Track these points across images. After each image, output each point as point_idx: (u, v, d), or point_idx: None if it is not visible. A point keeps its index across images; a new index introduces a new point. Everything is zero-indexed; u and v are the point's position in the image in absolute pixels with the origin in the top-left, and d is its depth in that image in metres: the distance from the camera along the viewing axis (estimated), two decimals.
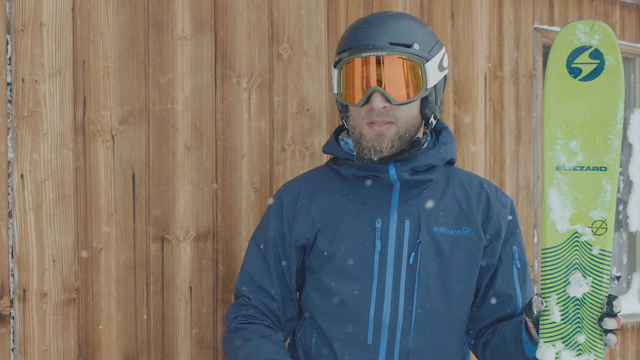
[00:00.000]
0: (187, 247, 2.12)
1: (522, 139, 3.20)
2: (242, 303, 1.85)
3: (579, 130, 1.59)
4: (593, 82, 1.58)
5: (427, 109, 1.76)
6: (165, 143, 2.08)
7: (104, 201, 1.97)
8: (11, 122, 1.83)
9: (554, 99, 1.60)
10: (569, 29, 1.59)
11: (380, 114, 1.71)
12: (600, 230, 1.57)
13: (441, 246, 1.75)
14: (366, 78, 1.71)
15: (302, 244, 1.81)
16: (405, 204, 1.77)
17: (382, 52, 1.69)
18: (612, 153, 1.57)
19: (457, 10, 2.77)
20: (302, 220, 1.80)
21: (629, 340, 3.67)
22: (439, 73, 1.76)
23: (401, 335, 1.73)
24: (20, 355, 1.85)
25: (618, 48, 1.57)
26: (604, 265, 1.57)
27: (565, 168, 1.59)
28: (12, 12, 1.83)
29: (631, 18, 3.68)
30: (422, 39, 1.73)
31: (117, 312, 2.00)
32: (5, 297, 1.83)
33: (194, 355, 2.13)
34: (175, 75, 2.09)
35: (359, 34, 1.73)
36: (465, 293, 1.80)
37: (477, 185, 1.85)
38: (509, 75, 3.14)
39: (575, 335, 1.57)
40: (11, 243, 1.84)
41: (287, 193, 1.87)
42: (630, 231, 3.75)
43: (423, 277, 1.74)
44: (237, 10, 2.21)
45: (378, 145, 1.72)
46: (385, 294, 1.73)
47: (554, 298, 1.58)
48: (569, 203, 1.59)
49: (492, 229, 1.81)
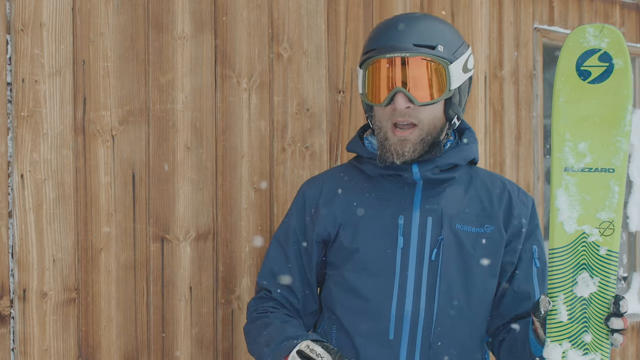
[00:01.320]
0: (187, 247, 2.12)
1: (522, 139, 3.20)
2: (262, 296, 1.88)
3: (587, 132, 1.60)
4: (602, 84, 1.60)
5: (451, 110, 1.78)
6: (165, 143, 2.08)
7: (104, 201, 1.97)
8: (11, 122, 1.83)
9: (563, 101, 1.61)
10: (578, 32, 1.61)
11: (403, 114, 1.73)
12: (608, 231, 1.59)
13: (463, 243, 1.77)
14: (390, 79, 1.73)
15: (323, 238, 1.83)
16: (428, 202, 1.78)
17: (406, 53, 1.71)
18: (620, 155, 1.58)
19: (457, 10, 2.77)
20: (324, 215, 1.82)
21: (629, 340, 3.67)
22: (464, 75, 1.78)
23: (423, 331, 1.74)
24: (20, 355, 1.85)
25: (627, 51, 1.59)
26: (611, 266, 1.58)
27: (574, 169, 1.61)
28: (12, 12, 1.83)
29: (631, 18, 3.68)
30: (446, 41, 1.75)
31: (117, 312, 2.00)
32: (5, 297, 1.83)
33: (194, 355, 2.13)
34: (175, 75, 2.09)
35: (384, 35, 1.76)
36: (486, 290, 1.81)
37: (499, 185, 1.87)
38: (509, 75, 3.14)
39: (582, 335, 1.58)
40: (11, 243, 1.84)
41: (310, 188, 1.89)
42: (630, 231, 3.75)
43: (445, 274, 1.75)
44: (237, 10, 2.21)
45: (401, 149, 1.74)
46: (407, 290, 1.75)
47: (561, 298, 1.59)
48: (577, 204, 1.61)
49: (513, 228, 1.82)
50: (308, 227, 1.85)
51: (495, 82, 3.07)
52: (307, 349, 1.63)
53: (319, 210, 1.84)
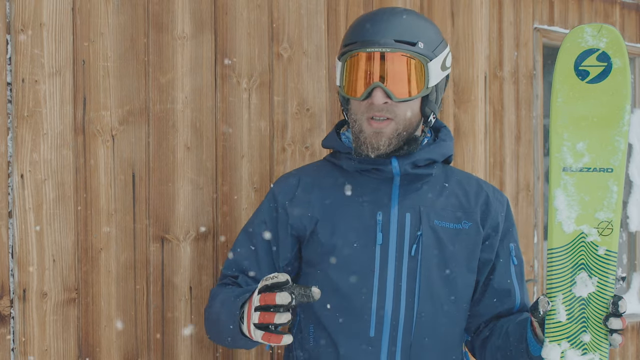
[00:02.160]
0: (187, 247, 2.12)
1: (522, 139, 3.20)
2: (226, 282, 1.85)
3: (586, 132, 1.61)
4: (600, 84, 1.60)
5: (427, 108, 1.78)
6: (165, 143, 2.08)
7: (104, 201, 1.97)
8: (11, 122, 1.83)
9: (561, 101, 1.62)
10: (577, 31, 1.61)
11: (380, 109, 1.73)
12: (606, 231, 1.59)
13: (442, 239, 1.77)
14: (369, 73, 1.72)
15: (298, 233, 1.81)
16: (406, 198, 1.78)
17: (387, 48, 1.71)
18: (619, 155, 1.59)
19: (457, 10, 2.77)
20: (300, 209, 1.81)
21: (629, 340, 3.67)
22: (442, 72, 1.78)
23: (403, 328, 1.74)
24: (20, 355, 1.85)
25: (625, 51, 1.59)
26: (610, 266, 1.58)
27: (572, 169, 1.61)
28: (12, 12, 1.83)
29: (631, 18, 3.68)
30: (427, 38, 1.75)
31: (117, 312, 2.00)
32: (5, 297, 1.83)
33: (194, 355, 2.13)
34: (175, 75, 2.09)
35: (365, 29, 1.75)
36: (466, 286, 1.81)
37: (474, 183, 1.89)
38: (509, 75, 3.14)
39: (581, 335, 1.58)
40: (11, 243, 1.84)
41: (282, 184, 1.87)
42: (630, 231, 3.75)
43: (425, 269, 1.75)
44: (237, 10, 2.21)
45: (376, 142, 1.74)
46: (387, 287, 1.74)
47: (560, 298, 1.60)
48: (575, 204, 1.61)
49: (490, 225, 1.83)
50: (280, 218, 1.82)
51: (495, 82, 3.07)
52: (264, 281, 1.54)
53: (295, 204, 1.82)
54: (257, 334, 1.53)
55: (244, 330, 1.60)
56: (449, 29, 2.75)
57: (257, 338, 1.54)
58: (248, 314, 1.56)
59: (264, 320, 1.50)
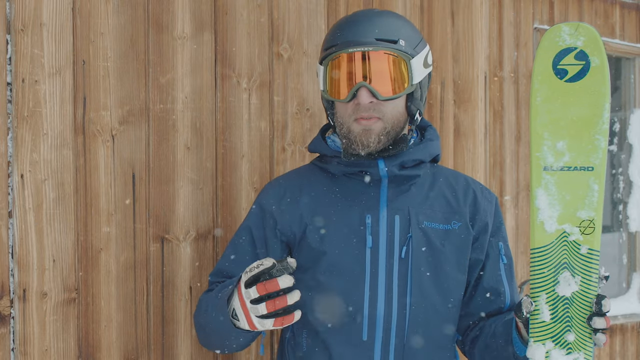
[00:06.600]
0: (187, 247, 2.12)
1: (522, 139, 3.20)
2: (212, 289, 1.82)
3: (565, 131, 1.61)
4: (579, 83, 1.60)
5: (413, 105, 1.78)
6: (165, 143, 2.08)
7: (104, 201, 1.97)
8: (11, 122, 1.83)
9: (540, 100, 1.62)
10: (554, 30, 1.62)
11: (367, 109, 1.72)
12: (588, 230, 1.59)
13: (432, 240, 1.77)
14: (352, 74, 1.72)
15: (287, 239, 1.81)
16: (394, 200, 1.78)
17: (369, 47, 1.71)
18: (599, 153, 1.59)
19: (457, 10, 2.77)
20: (289, 215, 1.80)
21: (629, 340, 3.66)
22: (424, 70, 1.78)
23: (396, 330, 1.74)
24: (20, 355, 1.85)
25: (603, 49, 1.59)
26: (593, 265, 1.59)
27: (553, 168, 1.62)
28: (12, 12, 1.83)
29: (631, 18, 3.68)
30: (407, 36, 1.75)
31: (117, 312, 2.00)
32: (5, 297, 1.83)
33: (194, 355, 2.13)
34: (175, 75, 2.09)
35: (345, 31, 1.75)
36: (457, 286, 1.81)
37: (462, 182, 1.88)
38: (509, 75, 3.14)
39: (565, 335, 1.59)
40: (11, 243, 1.84)
41: (269, 192, 1.86)
42: (630, 231, 3.75)
43: (416, 271, 1.75)
44: (237, 10, 2.21)
45: (365, 140, 1.73)
46: (379, 289, 1.74)
47: (543, 297, 1.60)
48: (557, 203, 1.61)
49: (479, 224, 1.84)
50: (268, 224, 1.81)
51: (495, 82, 3.07)
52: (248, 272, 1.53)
53: (284, 210, 1.81)
54: (266, 323, 1.53)
55: (242, 326, 1.59)
56: (449, 29, 2.75)
57: (267, 327, 1.54)
58: (244, 310, 1.55)
59: (274, 307, 1.51)
